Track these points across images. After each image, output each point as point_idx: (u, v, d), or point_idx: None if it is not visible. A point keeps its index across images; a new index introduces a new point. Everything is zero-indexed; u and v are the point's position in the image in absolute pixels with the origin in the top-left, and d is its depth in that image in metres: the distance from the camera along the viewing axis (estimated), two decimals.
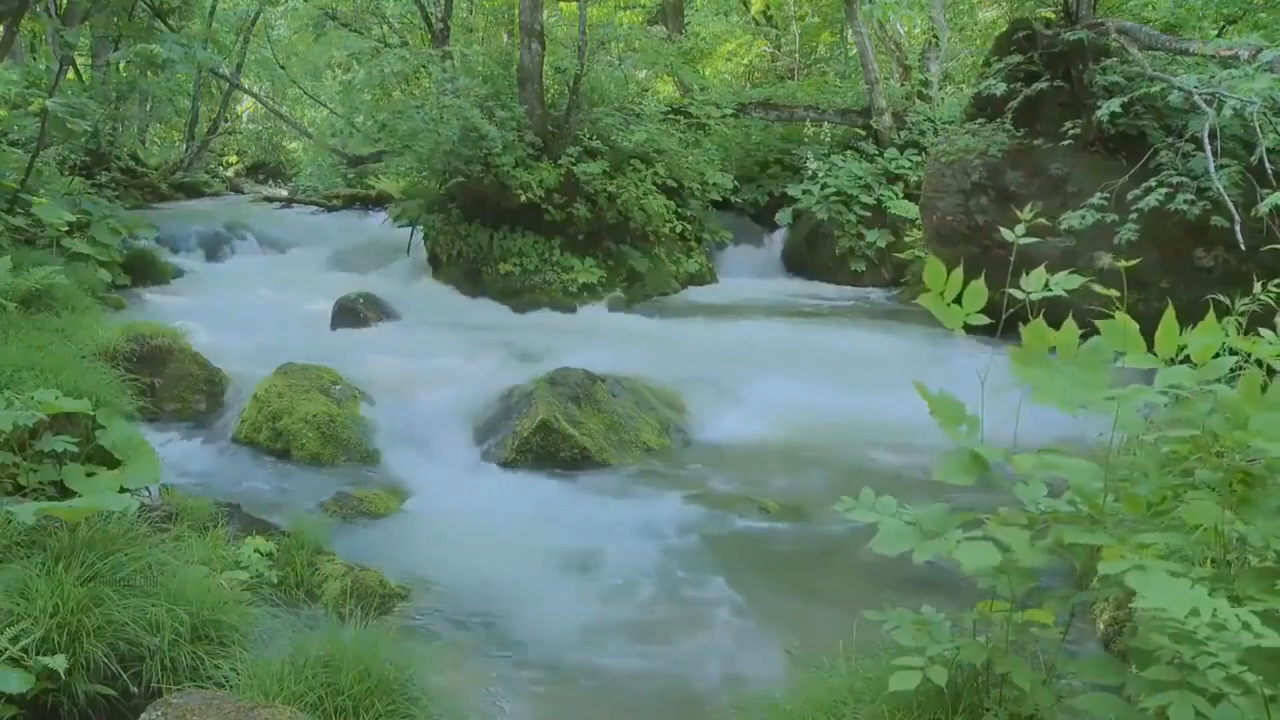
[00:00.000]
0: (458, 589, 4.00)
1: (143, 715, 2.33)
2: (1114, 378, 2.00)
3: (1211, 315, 1.97)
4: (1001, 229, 2.35)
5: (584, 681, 3.42)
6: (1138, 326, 2.00)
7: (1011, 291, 2.07)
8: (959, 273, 2.11)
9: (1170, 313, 1.93)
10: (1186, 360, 1.98)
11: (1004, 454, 2.04)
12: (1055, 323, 2.05)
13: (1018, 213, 2.27)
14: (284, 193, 17.67)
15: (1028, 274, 2.12)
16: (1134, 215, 7.34)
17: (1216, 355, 1.98)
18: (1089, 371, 1.97)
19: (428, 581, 4.02)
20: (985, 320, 2.13)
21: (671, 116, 12.44)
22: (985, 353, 2.13)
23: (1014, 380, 1.99)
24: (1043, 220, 2.29)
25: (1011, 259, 2.10)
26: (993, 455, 2.05)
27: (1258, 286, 3.60)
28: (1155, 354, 1.98)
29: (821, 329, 9.34)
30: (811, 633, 3.72)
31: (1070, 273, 2.08)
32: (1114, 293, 1.99)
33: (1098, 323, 2.01)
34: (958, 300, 2.12)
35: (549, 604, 3.95)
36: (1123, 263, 2.29)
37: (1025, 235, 2.23)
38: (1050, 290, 2.08)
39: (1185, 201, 7.23)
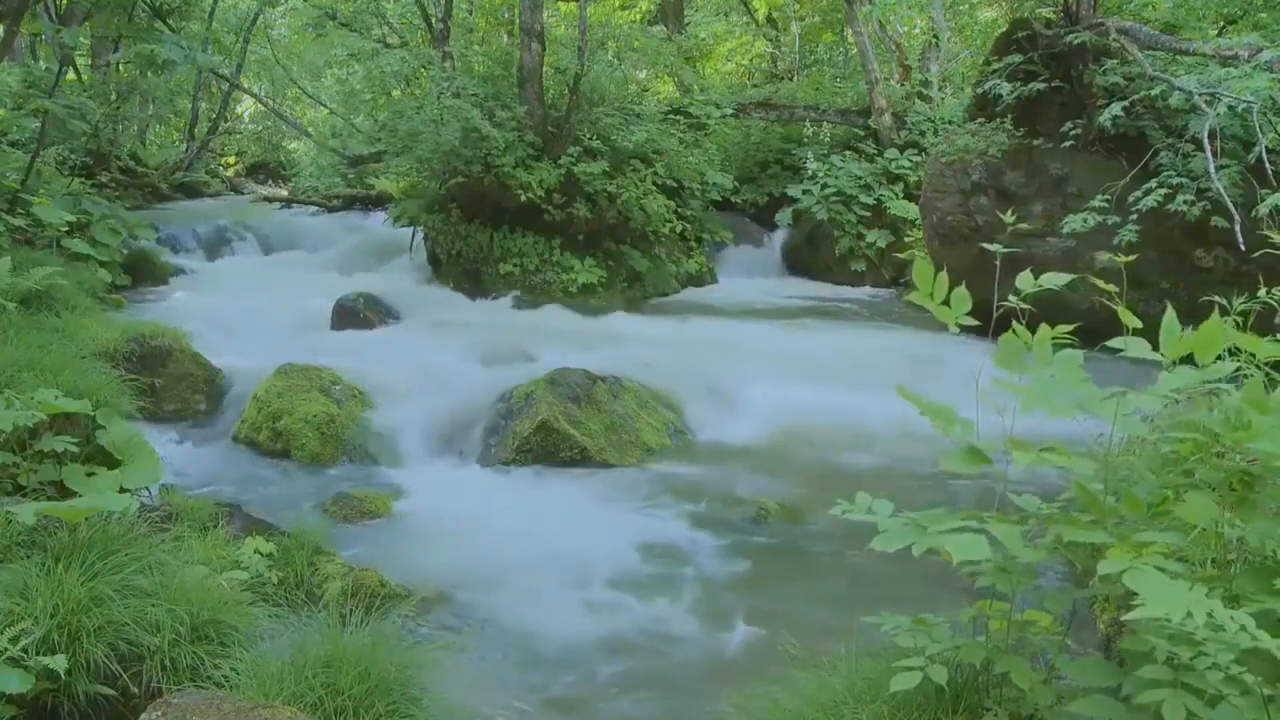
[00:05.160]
0: (458, 589, 4.00)
1: (143, 715, 2.33)
2: (1115, 379, 2.01)
3: (1217, 315, 1.97)
4: (997, 239, 2.36)
5: (583, 680, 3.43)
6: (1140, 325, 2.01)
7: (1012, 302, 2.08)
8: (945, 276, 2.14)
9: (1170, 313, 1.93)
10: (1187, 360, 1.99)
11: (1001, 447, 2.05)
12: (1058, 323, 2.05)
13: (1052, 219, 2.28)
14: (284, 193, 17.66)
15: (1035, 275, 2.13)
16: (1134, 216, 7.34)
17: (1219, 357, 1.98)
18: (1068, 375, 1.99)
19: (428, 581, 4.01)
20: (991, 321, 2.14)
21: (671, 116, 12.41)
22: (988, 353, 2.14)
23: (1002, 388, 2.00)
24: (1043, 222, 2.29)
25: (997, 263, 2.12)
26: (989, 449, 2.06)
27: (1263, 292, 3.59)
28: (1161, 354, 1.99)
29: (822, 330, 9.32)
30: (811, 633, 3.72)
31: (1086, 279, 2.09)
32: (1112, 288, 1.99)
33: (1110, 343, 2.03)
34: (946, 302, 2.15)
35: (549, 603, 3.96)
36: (1121, 258, 2.29)
37: (1026, 235, 2.24)
38: (1040, 287, 2.09)
39: (1185, 202, 7.22)
